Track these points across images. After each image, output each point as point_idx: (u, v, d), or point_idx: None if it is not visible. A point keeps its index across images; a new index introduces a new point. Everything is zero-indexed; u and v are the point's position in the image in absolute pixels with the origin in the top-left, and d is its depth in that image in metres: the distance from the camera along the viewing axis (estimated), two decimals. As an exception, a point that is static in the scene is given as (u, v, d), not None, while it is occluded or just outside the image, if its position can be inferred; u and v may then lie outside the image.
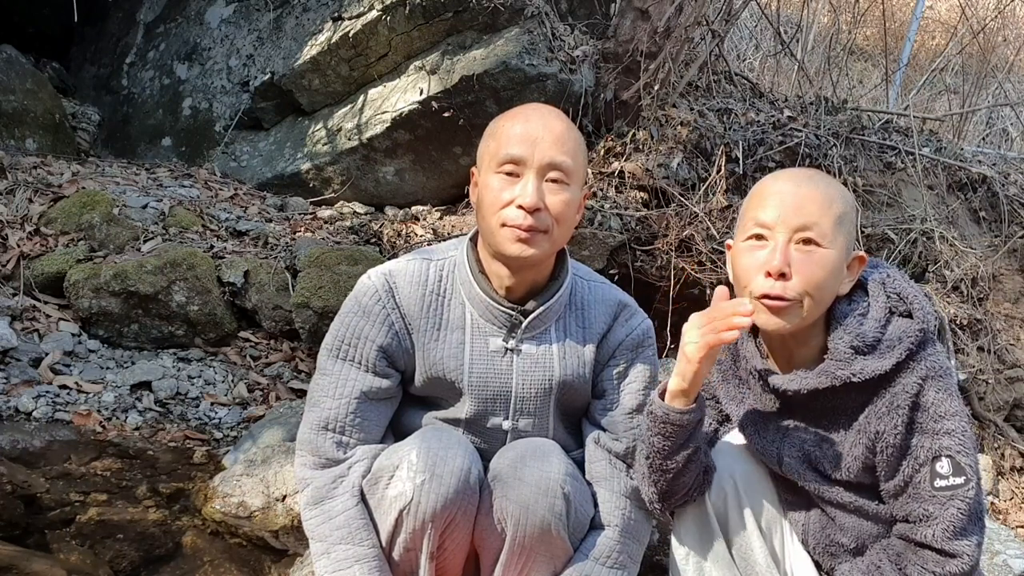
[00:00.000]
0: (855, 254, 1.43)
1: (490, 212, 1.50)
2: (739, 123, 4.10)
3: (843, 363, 1.37)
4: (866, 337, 1.37)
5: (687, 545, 1.55)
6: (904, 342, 1.36)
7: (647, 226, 3.60)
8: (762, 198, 1.42)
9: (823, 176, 1.45)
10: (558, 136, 1.49)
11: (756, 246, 1.40)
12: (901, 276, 1.46)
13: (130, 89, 4.67)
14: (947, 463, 1.32)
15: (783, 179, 1.44)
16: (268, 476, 2.12)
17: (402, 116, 3.78)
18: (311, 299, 2.98)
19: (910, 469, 1.35)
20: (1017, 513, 3.49)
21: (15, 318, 2.78)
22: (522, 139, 1.48)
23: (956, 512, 1.31)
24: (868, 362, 1.36)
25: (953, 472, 1.32)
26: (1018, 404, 4.04)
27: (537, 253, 1.50)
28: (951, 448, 1.32)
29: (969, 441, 1.34)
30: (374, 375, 1.57)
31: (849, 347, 1.37)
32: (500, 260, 1.54)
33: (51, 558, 1.85)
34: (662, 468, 1.46)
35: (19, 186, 3.30)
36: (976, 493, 1.32)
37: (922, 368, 1.35)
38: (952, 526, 1.31)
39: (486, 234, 1.53)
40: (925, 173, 4.31)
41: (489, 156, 1.52)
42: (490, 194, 1.50)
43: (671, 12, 3.75)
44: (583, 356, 1.61)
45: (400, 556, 1.51)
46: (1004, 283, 4.27)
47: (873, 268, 1.47)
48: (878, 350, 1.37)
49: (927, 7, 7.26)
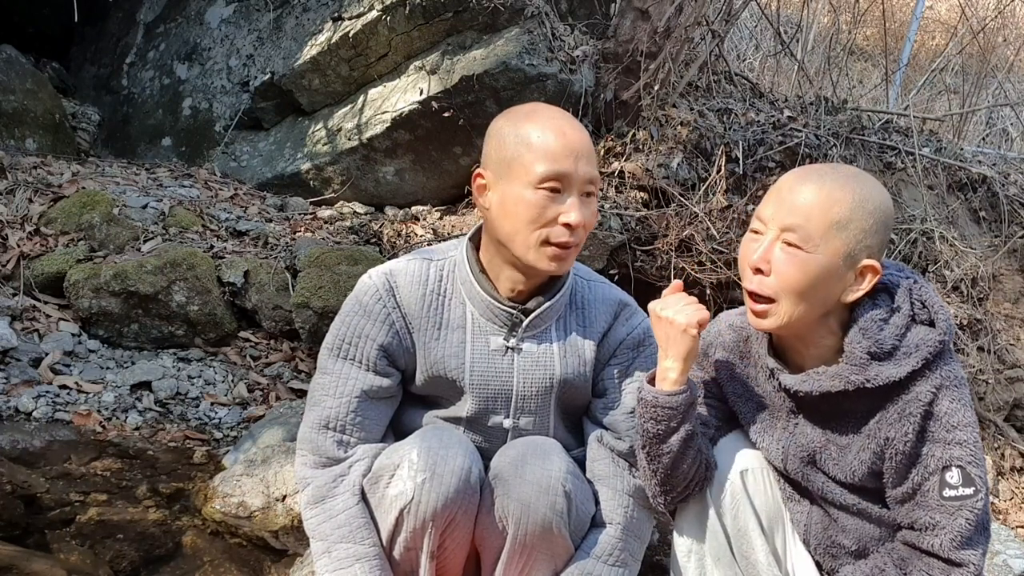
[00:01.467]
0: (865, 263, 1.35)
1: (529, 227, 1.46)
2: (739, 123, 4.09)
3: (858, 368, 1.36)
4: (884, 343, 1.35)
5: (689, 542, 1.55)
6: (922, 350, 1.34)
7: (647, 226, 3.60)
8: (771, 191, 1.42)
9: (840, 176, 1.37)
10: (589, 148, 1.48)
11: (752, 239, 1.41)
12: (926, 283, 1.44)
13: (130, 89, 4.67)
14: (957, 473, 1.32)
15: (796, 175, 1.41)
16: (268, 476, 2.12)
17: (402, 116, 3.78)
18: (311, 299, 2.98)
19: (919, 477, 1.35)
20: (1017, 513, 3.49)
21: (15, 318, 2.78)
22: (565, 154, 1.44)
23: (964, 523, 1.31)
24: (883, 368, 1.35)
25: (963, 483, 1.31)
26: (1018, 404, 4.04)
27: (568, 267, 1.51)
28: (962, 459, 1.32)
29: (979, 452, 1.34)
30: (375, 374, 1.57)
31: (866, 352, 1.35)
32: (519, 268, 1.53)
33: (51, 558, 1.85)
34: (657, 454, 1.46)
35: (19, 186, 3.30)
36: (984, 504, 1.32)
37: (937, 377, 1.34)
38: (959, 536, 1.31)
39: (515, 245, 1.48)
40: (925, 173, 4.31)
41: (521, 166, 1.45)
42: (531, 209, 1.45)
43: (671, 12, 3.75)
44: (584, 355, 1.61)
45: (401, 555, 1.51)
46: (1004, 283, 4.27)
47: (900, 272, 1.44)
48: (895, 357, 1.35)
49: (927, 7, 7.26)
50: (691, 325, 1.39)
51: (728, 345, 1.59)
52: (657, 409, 1.43)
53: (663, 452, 1.46)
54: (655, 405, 1.43)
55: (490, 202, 1.51)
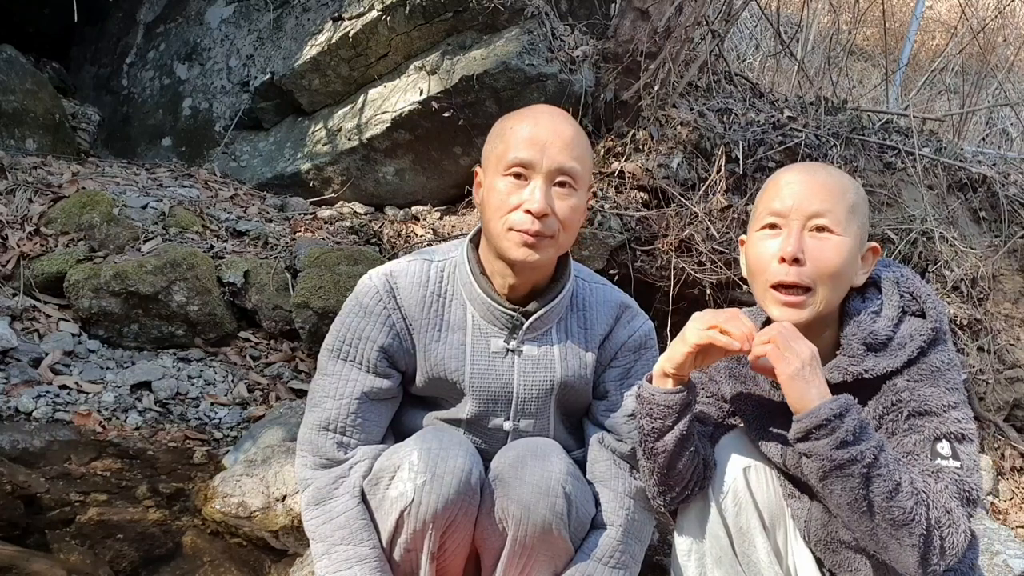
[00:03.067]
0: (869, 245, 1.44)
1: (496, 215, 1.49)
2: (739, 123, 4.09)
3: (855, 359, 1.39)
4: (878, 335, 1.39)
5: (689, 542, 1.55)
6: (916, 340, 1.38)
7: (647, 226, 3.60)
8: (776, 188, 1.44)
9: (834, 168, 1.47)
10: (567, 141, 1.48)
11: (770, 235, 1.42)
12: (914, 275, 1.47)
13: (130, 89, 4.67)
14: (947, 446, 1.34)
15: (796, 170, 1.45)
16: (268, 476, 2.12)
17: (402, 116, 3.78)
18: (311, 299, 2.98)
19: (910, 444, 1.37)
20: (1017, 513, 3.49)
21: (15, 318, 2.78)
22: (531, 143, 1.47)
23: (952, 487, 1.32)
24: (880, 359, 1.38)
25: (952, 456, 1.34)
26: (1018, 404, 4.04)
27: (542, 258, 1.50)
28: (951, 434, 1.35)
29: (969, 432, 1.36)
30: (375, 375, 1.57)
31: (862, 343, 1.39)
32: (503, 262, 1.53)
33: (51, 558, 1.85)
34: (653, 451, 1.48)
35: (19, 186, 3.30)
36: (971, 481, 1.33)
37: (931, 363, 1.37)
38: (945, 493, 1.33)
39: (491, 236, 1.52)
40: (925, 173, 4.31)
41: (496, 158, 1.50)
42: (496, 197, 1.48)
43: (671, 12, 3.75)
44: (584, 357, 1.61)
45: (401, 556, 1.51)
46: (1004, 283, 4.27)
47: (886, 267, 1.49)
48: (889, 348, 1.39)
49: (927, 7, 7.26)
50: (689, 342, 1.39)
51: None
52: (653, 406, 1.46)
53: (658, 450, 1.48)
54: (651, 402, 1.46)
55: (481, 197, 1.56)
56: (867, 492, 1.28)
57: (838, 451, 1.27)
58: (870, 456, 1.27)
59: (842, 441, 1.27)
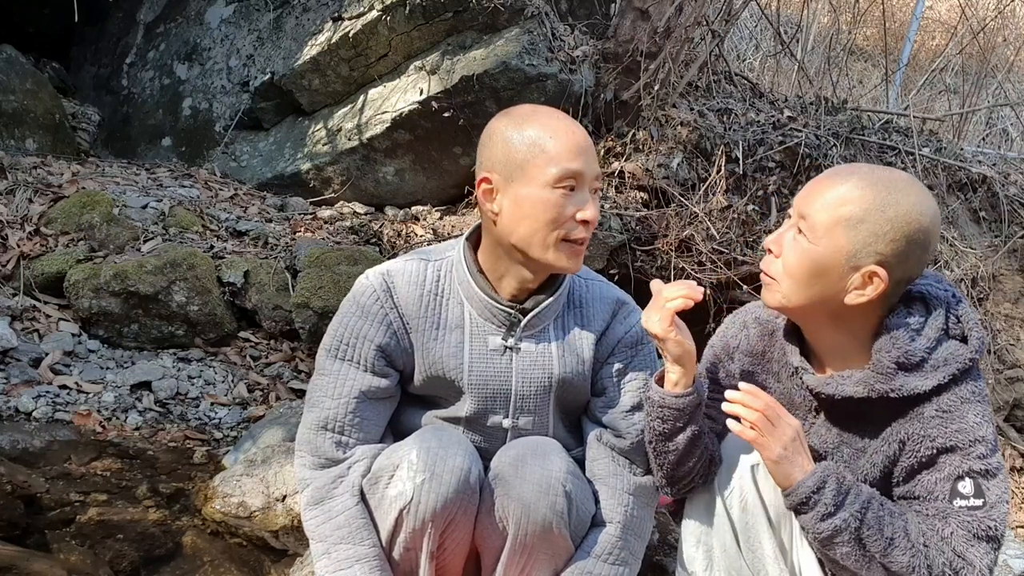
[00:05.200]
0: (870, 268, 1.33)
1: (548, 227, 1.47)
2: (739, 123, 4.09)
3: (884, 376, 1.36)
4: (913, 355, 1.35)
5: (698, 532, 1.56)
6: (951, 365, 1.35)
7: (647, 226, 3.60)
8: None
9: (873, 179, 1.34)
10: (592, 145, 1.53)
11: (785, 224, 1.47)
12: (966, 301, 1.44)
13: (130, 89, 4.67)
14: (970, 484, 1.33)
15: (832, 169, 1.44)
16: (268, 476, 2.12)
17: (402, 116, 3.78)
18: (311, 299, 2.98)
19: (931, 481, 1.36)
20: (1017, 513, 3.49)
21: (15, 318, 2.78)
22: (578, 153, 1.48)
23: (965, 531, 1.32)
24: (909, 379, 1.35)
25: (974, 494, 1.33)
26: (1018, 404, 4.04)
27: (581, 264, 1.55)
28: (976, 471, 1.33)
29: (997, 467, 1.35)
30: (373, 375, 1.57)
31: (893, 361, 1.35)
32: (531, 269, 1.53)
33: (51, 558, 1.85)
34: (663, 451, 1.50)
35: (19, 186, 3.30)
36: (995, 518, 1.33)
37: (962, 391, 1.35)
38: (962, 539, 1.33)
39: (533, 247, 1.49)
40: (925, 173, 4.31)
41: (538, 169, 1.46)
42: (550, 210, 1.46)
43: (671, 12, 3.75)
44: (582, 354, 1.62)
45: (400, 556, 1.51)
46: (1004, 283, 4.27)
47: (939, 284, 1.44)
48: (922, 369, 1.35)
49: (927, 7, 7.26)
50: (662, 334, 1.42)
51: (752, 338, 1.60)
52: (664, 410, 1.46)
53: (669, 450, 1.49)
54: (662, 406, 1.46)
55: (500, 206, 1.50)
56: (863, 551, 1.34)
57: (823, 523, 1.34)
58: (855, 522, 1.33)
59: (824, 514, 1.33)
